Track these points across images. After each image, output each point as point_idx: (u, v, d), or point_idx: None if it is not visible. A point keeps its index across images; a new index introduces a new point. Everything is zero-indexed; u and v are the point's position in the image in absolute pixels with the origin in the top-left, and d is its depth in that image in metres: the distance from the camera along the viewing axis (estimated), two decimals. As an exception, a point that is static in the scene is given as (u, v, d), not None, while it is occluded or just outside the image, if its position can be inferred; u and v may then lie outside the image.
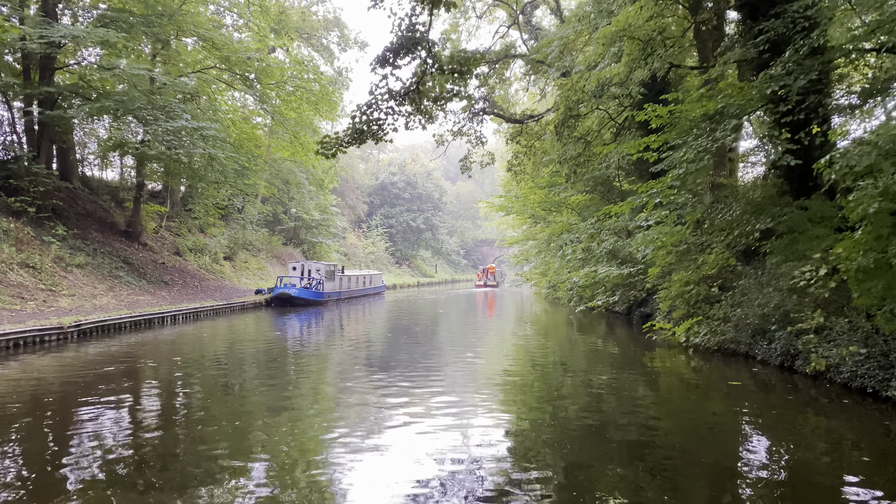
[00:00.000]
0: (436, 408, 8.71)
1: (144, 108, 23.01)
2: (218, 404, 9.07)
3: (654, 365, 12.86)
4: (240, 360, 13.42)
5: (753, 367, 11.26)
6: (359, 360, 13.85)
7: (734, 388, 9.72)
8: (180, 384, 10.61)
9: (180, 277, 29.34)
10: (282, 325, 21.62)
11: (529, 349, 16.08)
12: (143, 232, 30.99)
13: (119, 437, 7.15)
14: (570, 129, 20.04)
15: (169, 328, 18.86)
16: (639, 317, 19.30)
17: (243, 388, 10.35)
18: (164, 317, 19.58)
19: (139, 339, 16.12)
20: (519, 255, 49.57)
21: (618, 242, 20.22)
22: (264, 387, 10.37)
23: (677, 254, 14.91)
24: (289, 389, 10.22)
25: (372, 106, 13.15)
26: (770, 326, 11.19)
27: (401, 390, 10.06)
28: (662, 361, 13.11)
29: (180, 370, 12.00)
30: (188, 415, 8.46)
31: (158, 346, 15.27)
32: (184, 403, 9.24)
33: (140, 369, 12.02)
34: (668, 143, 14.11)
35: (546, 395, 9.94)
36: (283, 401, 9.15)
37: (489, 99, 30.60)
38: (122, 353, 13.94)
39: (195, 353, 14.45)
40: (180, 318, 20.53)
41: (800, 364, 10.16)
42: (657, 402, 9.42)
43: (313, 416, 8.39)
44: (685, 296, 14.14)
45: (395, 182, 76.19)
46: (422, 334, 19.36)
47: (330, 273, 32.08)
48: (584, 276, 20.25)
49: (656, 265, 16.02)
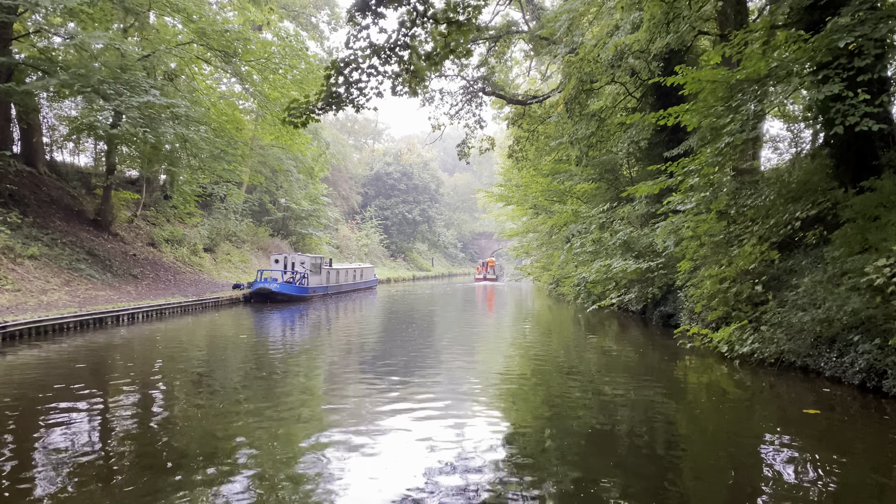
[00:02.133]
0: (431, 417, 7.79)
1: (106, 82, 20.61)
2: (139, 444, 6.82)
3: (686, 378, 10.66)
4: (193, 372, 11.15)
5: (821, 385, 9.04)
6: (344, 367, 11.62)
7: (813, 421, 7.49)
8: (97, 408, 8.34)
9: (152, 271, 27.02)
10: (257, 325, 19.35)
11: (535, 354, 13.85)
12: (113, 221, 28.63)
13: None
14: (581, 106, 17.76)
15: (125, 328, 16.59)
16: (658, 317, 17.09)
17: (187, 417, 8.09)
18: (120, 315, 17.26)
19: (80, 344, 13.84)
20: (518, 248, 47.40)
21: (633, 233, 18.00)
22: (215, 415, 8.12)
23: (712, 245, 12.66)
24: (254, 414, 7.98)
25: (350, 64, 10.84)
26: (850, 336, 8.95)
27: (392, 408, 7.85)
28: (697, 374, 10.91)
29: (111, 384, 9.74)
30: (90, 463, 6.21)
31: (97, 353, 12.97)
32: (85, 443, 6.98)
33: (46, 385, 9.75)
34: (706, 111, 11.81)
35: (552, 406, 7.75)
36: (248, 430, 6.92)
37: (489, 79, 28.25)
38: (43, 363, 11.66)
39: (140, 361, 12.18)
40: (140, 317, 18.23)
41: (892, 385, 7.95)
42: (702, 433, 7.23)
43: (291, 439, 6.18)
44: (723, 295, 11.91)
45: (390, 172, 73.70)
46: (416, 336, 17.12)
47: (316, 266, 29.71)
48: (595, 271, 18.02)
49: (686, 258, 13.77)
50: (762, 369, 10.27)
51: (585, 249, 19.41)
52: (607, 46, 15.48)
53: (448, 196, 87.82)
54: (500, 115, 38.93)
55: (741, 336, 10.93)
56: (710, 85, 11.53)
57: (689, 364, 11.76)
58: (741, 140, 10.71)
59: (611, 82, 17.30)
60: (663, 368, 11.81)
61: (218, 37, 25.89)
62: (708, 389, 9.80)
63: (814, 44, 9.32)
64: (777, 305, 11.19)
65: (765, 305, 11.54)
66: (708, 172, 12.09)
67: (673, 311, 16.70)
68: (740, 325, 11.03)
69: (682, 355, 12.69)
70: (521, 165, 30.28)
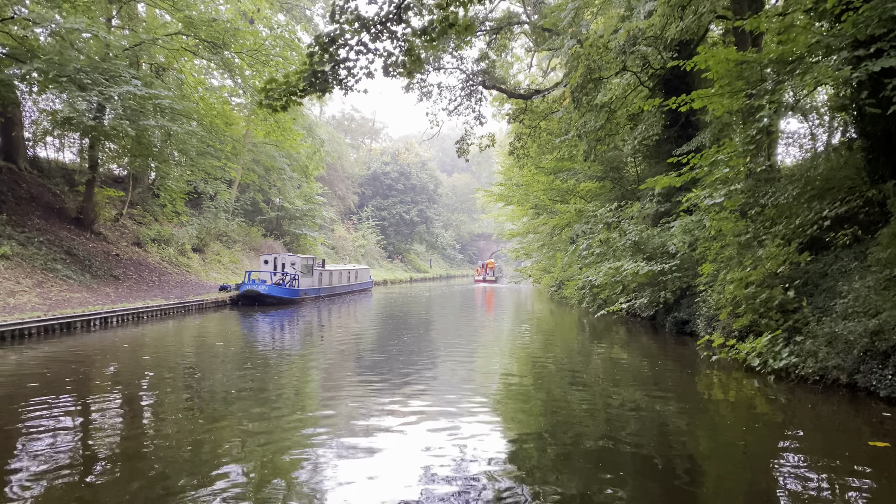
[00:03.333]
0: (429, 428, 7.36)
1: (83, 71, 19.37)
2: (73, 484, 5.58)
3: (708, 393, 9.45)
4: (157, 387, 9.90)
5: (877, 408, 7.83)
6: (334, 378, 10.39)
7: (884, 457, 6.28)
8: (29, 437, 7.10)
9: (136, 271, 25.76)
10: (240, 330, 18.11)
11: (538, 362, 12.62)
12: (96, 220, 27.36)
13: None
14: (588, 97, 16.56)
15: (98, 333, 15.34)
16: (672, 324, 15.88)
17: (141, 446, 6.86)
18: (91, 319, 15.98)
19: (40, 353, 12.59)
20: (518, 249, 46.20)
21: (644, 233, 16.80)
22: (178, 443, 6.88)
23: (737, 246, 11.45)
24: (236, 436, 6.75)
25: (337, 40, 9.63)
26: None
27: (385, 425, 6.63)
28: (720, 390, 9.71)
29: (58, 401, 8.50)
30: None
31: (54, 363, 11.72)
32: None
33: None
34: (732, 95, 10.61)
35: (555, 416, 6.56)
36: (227, 454, 5.70)
37: (489, 73, 27.05)
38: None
39: (99, 373, 10.94)
40: (114, 321, 16.96)
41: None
42: (727, 457, 6.03)
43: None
44: (750, 302, 10.71)
45: (387, 172, 72.40)
46: (412, 343, 15.89)
47: (307, 267, 28.40)
48: (603, 274, 16.81)
49: (708, 260, 12.55)
50: (801, 387, 9.06)
51: (592, 251, 18.20)
52: (619, 32, 14.30)
53: (446, 197, 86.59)
54: (500, 114, 37.71)
55: (774, 348, 9.72)
56: (735, 67, 10.33)
57: (710, 377, 10.56)
58: (776, 126, 9.49)
59: (621, 71, 16.10)
60: (680, 381, 10.62)
61: (206, 26, 24.68)
62: (734, 408, 8.60)
63: (865, 13, 8.12)
64: (812, 313, 9.99)
65: (797, 313, 10.35)
66: (737, 164, 10.88)
67: (688, 317, 15.50)
68: (773, 335, 9.82)
69: (701, 367, 11.49)
70: (522, 163, 29.08)
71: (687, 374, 11.19)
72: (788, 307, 10.47)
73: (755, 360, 9.85)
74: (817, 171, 13.60)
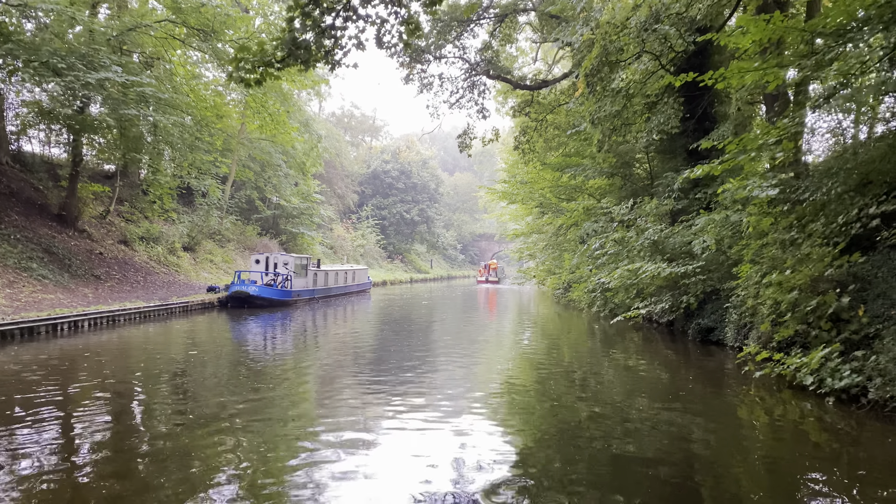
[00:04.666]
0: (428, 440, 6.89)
1: (58, 55, 18.03)
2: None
3: (745, 413, 8.07)
4: (113, 405, 8.53)
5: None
6: (324, 395, 9.02)
7: None
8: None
9: (120, 271, 24.40)
10: (222, 335, 16.75)
11: (547, 371, 11.22)
12: (80, 216, 26.02)
13: None
14: (603, 82, 15.17)
15: (64, 339, 13.97)
16: (696, 331, 14.46)
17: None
18: (59, 324, 14.60)
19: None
20: (522, 249, 44.81)
21: (664, 231, 15.40)
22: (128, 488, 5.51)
23: (779, 245, 10.04)
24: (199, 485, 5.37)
25: (320, 3, 8.25)
26: None
27: (383, 446, 5.30)
28: (761, 411, 8.36)
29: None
30: None
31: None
32: None
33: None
34: (779, 66, 9.19)
35: (564, 430, 5.28)
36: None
37: (493, 62, 25.67)
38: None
39: (46, 390, 9.57)
40: (85, 325, 15.58)
41: None
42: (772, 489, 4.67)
43: None
44: (796, 309, 9.32)
45: (388, 170, 70.96)
46: (412, 351, 14.49)
47: (301, 267, 26.94)
48: (619, 276, 15.42)
49: (745, 261, 11.13)
50: (868, 412, 7.66)
51: (605, 251, 16.80)
52: (640, 7, 12.93)
53: (448, 196, 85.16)
54: (503, 109, 36.32)
55: (830, 364, 8.31)
56: (780, 34, 8.93)
57: (746, 394, 9.20)
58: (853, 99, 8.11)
59: (640, 54, 14.69)
60: (707, 396, 9.27)
61: (195, 13, 23.31)
62: (777, 431, 7.25)
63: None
64: (870, 322, 8.60)
65: (853, 322, 8.96)
66: (788, 148, 9.48)
67: (713, 324, 14.09)
68: (830, 349, 8.42)
69: (731, 380, 10.13)
70: (527, 159, 27.70)
71: (716, 389, 9.83)
72: (843, 316, 9.07)
73: (808, 377, 8.44)
74: (857, 163, 12.22)
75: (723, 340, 13.49)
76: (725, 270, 14.23)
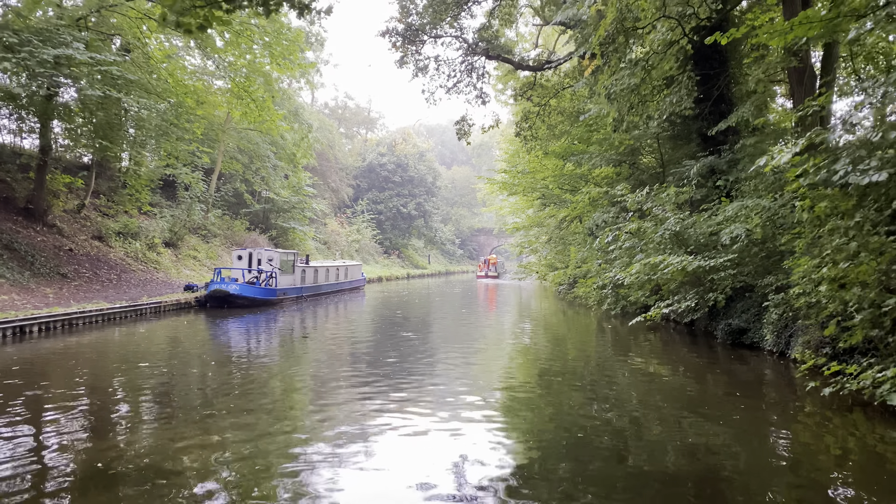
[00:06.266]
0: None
1: (9, 29, 16.25)
2: None
3: (803, 433, 6.39)
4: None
5: None
6: (300, 420, 7.34)
7: None
8: None
9: (91, 269, 22.63)
10: (190, 342, 15.02)
11: (558, 378, 9.52)
12: (49, 210, 24.22)
13: None
14: (618, 53, 13.41)
15: (9, 347, 12.22)
16: (725, 333, 12.74)
17: None
18: (2, 329, 12.81)
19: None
20: (522, 244, 43.09)
21: (687, 220, 13.68)
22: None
23: (843, 232, 8.30)
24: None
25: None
26: None
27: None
28: (825, 430, 6.67)
29: None
30: None
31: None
32: None
33: None
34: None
35: (578, 447, 4.18)
36: None
37: (493, 42, 23.88)
38: None
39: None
40: (35, 331, 13.80)
41: None
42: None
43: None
44: (869, 311, 7.61)
45: (383, 163, 69.02)
46: (407, 356, 12.76)
47: (287, 263, 25.10)
48: (636, 271, 13.72)
49: (799, 253, 9.39)
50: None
51: (620, 244, 15.09)
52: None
53: (445, 190, 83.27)
54: (503, 97, 34.55)
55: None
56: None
57: (802, 412, 7.53)
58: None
59: (660, 19, 12.91)
60: (749, 411, 7.62)
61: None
62: (842, 460, 5.54)
63: None
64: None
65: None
66: (880, 113, 7.73)
67: (746, 324, 12.39)
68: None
69: (776, 392, 8.46)
70: (529, 147, 25.96)
71: (756, 402, 8.20)
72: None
73: (893, 396, 6.75)
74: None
75: (758, 344, 11.80)
76: (759, 264, 12.53)
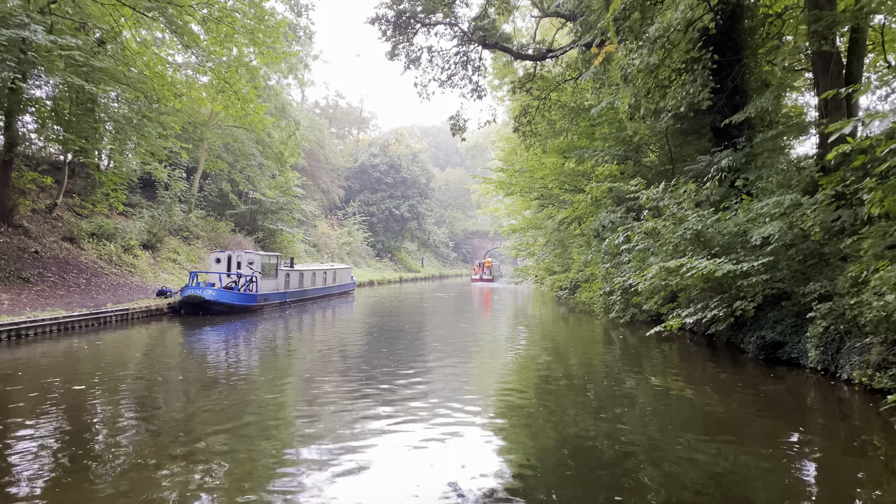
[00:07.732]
0: None
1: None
2: None
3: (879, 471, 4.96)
4: None
5: None
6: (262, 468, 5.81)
7: None
8: None
9: (58, 272, 20.97)
10: (148, 356, 13.43)
11: (569, 397, 8.05)
12: (14, 210, 22.52)
13: None
14: (633, 31, 11.96)
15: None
16: (757, 346, 11.28)
17: None
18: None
19: None
20: (519, 247, 41.66)
21: (710, 218, 12.26)
22: None
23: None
24: None
25: None
26: None
27: None
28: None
29: None
30: None
31: None
32: None
33: None
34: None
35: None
36: None
37: (490, 31, 22.46)
38: None
39: None
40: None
41: None
42: None
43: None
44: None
45: (376, 164, 67.47)
46: (396, 374, 11.22)
47: (270, 266, 23.44)
48: (652, 277, 12.27)
49: (865, 255, 7.95)
50: None
51: (633, 245, 13.65)
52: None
53: (439, 192, 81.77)
54: (500, 93, 33.08)
55: None
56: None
57: (854, 439, 6.09)
58: None
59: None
60: (781, 435, 6.16)
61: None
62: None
63: None
64: None
65: None
66: None
67: (782, 337, 10.94)
68: None
69: (824, 418, 7.00)
70: (528, 143, 24.53)
71: (793, 427, 6.71)
72: None
73: None
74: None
75: (798, 360, 10.36)
76: (796, 268, 11.11)
